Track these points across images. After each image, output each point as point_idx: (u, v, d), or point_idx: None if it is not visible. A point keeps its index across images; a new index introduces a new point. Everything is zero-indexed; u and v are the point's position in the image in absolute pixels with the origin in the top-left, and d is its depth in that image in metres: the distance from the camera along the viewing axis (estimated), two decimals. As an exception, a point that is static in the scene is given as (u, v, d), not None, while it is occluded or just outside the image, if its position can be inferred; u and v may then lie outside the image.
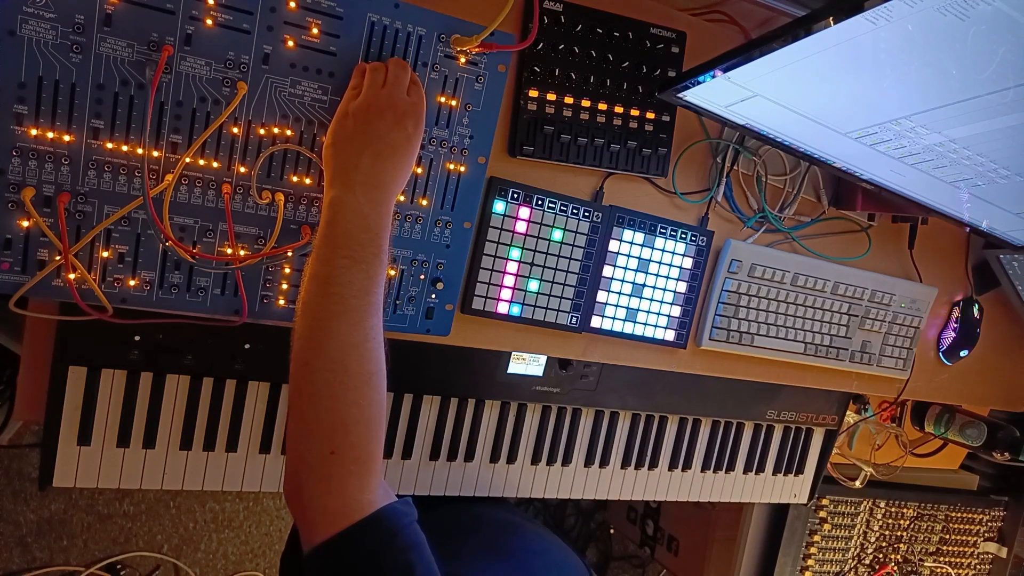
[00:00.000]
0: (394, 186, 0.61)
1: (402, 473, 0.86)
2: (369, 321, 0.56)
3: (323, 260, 0.56)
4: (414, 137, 0.62)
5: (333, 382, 0.54)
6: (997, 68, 0.52)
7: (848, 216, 1.01)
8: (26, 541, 1.49)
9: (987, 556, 1.38)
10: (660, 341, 0.91)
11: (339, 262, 0.56)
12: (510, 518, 0.84)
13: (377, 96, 0.61)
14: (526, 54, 0.76)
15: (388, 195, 0.60)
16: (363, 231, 0.57)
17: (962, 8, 0.46)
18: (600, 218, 0.83)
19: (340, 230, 0.57)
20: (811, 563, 1.21)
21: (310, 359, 0.54)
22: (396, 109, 0.61)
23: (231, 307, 0.68)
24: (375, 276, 0.57)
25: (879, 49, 0.54)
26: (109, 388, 0.72)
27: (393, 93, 0.62)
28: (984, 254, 1.12)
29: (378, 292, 0.57)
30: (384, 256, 0.58)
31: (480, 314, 0.81)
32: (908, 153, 0.70)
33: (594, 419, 0.96)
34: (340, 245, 0.56)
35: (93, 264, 0.62)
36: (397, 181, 0.61)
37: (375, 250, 0.57)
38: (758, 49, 0.59)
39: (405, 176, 0.63)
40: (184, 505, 1.63)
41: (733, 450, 1.07)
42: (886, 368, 1.06)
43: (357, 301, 0.55)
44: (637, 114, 0.82)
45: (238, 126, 0.64)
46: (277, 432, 0.79)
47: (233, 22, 0.61)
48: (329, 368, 0.54)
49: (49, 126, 0.58)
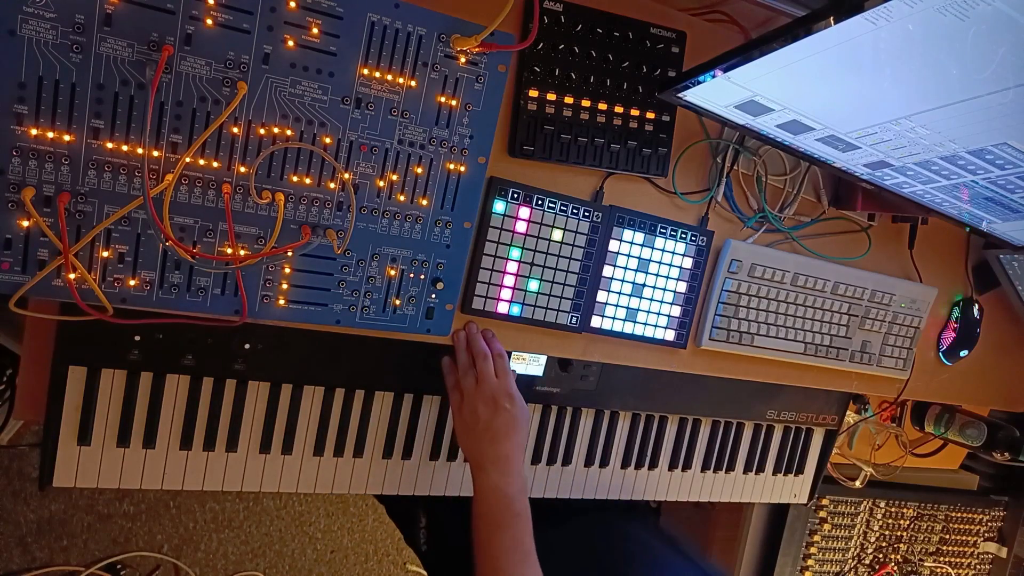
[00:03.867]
0: (516, 455, 0.75)
1: (402, 473, 0.86)
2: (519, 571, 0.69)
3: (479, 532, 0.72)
4: (512, 410, 0.76)
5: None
6: (997, 68, 0.52)
7: (848, 216, 1.01)
8: (26, 541, 1.49)
9: (987, 556, 1.38)
10: (660, 341, 0.91)
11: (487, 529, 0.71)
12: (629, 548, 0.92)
13: (473, 398, 0.76)
14: (526, 54, 0.76)
15: (514, 466, 0.75)
16: (500, 500, 0.72)
17: (962, 8, 0.46)
18: (600, 218, 0.83)
19: (484, 508, 0.73)
20: (811, 563, 1.21)
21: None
22: (491, 400, 0.75)
23: (231, 307, 0.68)
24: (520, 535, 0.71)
25: (879, 49, 0.54)
26: (109, 388, 0.72)
27: (482, 389, 0.76)
28: (984, 254, 1.12)
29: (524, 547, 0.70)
30: (525, 514, 0.72)
31: (480, 314, 0.81)
32: (908, 153, 0.70)
33: (594, 419, 0.96)
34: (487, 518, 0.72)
35: (93, 264, 0.62)
36: (517, 451, 0.76)
37: (512, 514, 0.72)
38: (758, 49, 0.59)
39: (523, 442, 0.77)
40: (184, 505, 1.63)
41: (733, 450, 1.06)
42: (886, 368, 1.06)
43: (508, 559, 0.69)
44: (637, 114, 0.82)
45: (238, 126, 0.64)
46: (277, 432, 0.79)
47: (233, 22, 0.61)
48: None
49: (49, 126, 0.58)
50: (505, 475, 0.74)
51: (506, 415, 0.75)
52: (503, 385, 0.77)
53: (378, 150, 0.69)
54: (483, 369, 0.77)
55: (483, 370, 0.77)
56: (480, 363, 0.77)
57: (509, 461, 0.74)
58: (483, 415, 0.75)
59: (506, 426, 0.75)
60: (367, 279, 0.73)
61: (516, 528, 0.71)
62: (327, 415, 0.81)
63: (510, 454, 0.75)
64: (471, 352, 0.79)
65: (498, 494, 0.73)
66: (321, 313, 0.72)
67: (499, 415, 0.75)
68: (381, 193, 0.71)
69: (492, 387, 0.76)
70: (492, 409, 0.75)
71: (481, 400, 0.75)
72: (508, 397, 0.76)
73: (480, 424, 0.75)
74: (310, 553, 1.80)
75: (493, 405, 0.75)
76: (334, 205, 0.69)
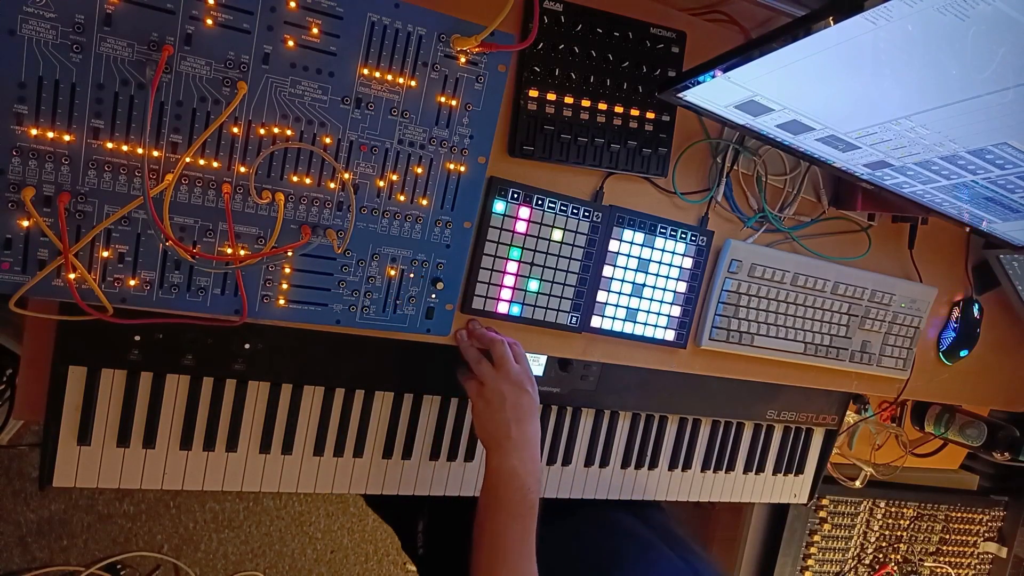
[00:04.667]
0: (537, 441, 0.74)
1: (402, 473, 0.86)
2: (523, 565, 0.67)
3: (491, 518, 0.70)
4: (533, 393, 0.76)
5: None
6: (997, 68, 0.52)
7: (848, 216, 1.01)
8: (26, 541, 1.49)
9: (987, 556, 1.38)
10: (660, 341, 0.91)
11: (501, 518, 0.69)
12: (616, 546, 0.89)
13: (496, 380, 0.74)
14: (526, 54, 0.76)
15: (536, 452, 0.73)
16: (518, 487, 0.70)
17: (962, 8, 0.46)
18: (600, 218, 0.83)
19: (500, 492, 0.70)
20: (811, 563, 1.21)
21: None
22: (514, 381, 0.75)
23: (231, 307, 0.68)
24: (530, 528, 0.69)
25: (879, 49, 0.54)
26: (109, 388, 0.72)
27: (505, 371, 0.75)
28: (984, 254, 1.12)
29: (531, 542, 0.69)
30: (536, 508, 0.70)
31: (480, 314, 0.81)
32: (908, 153, 0.70)
33: (594, 419, 0.96)
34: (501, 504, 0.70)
35: (93, 264, 0.62)
36: (537, 436, 0.75)
37: (527, 505, 0.70)
38: (758, 49, 0.59)
39: (539, 430, 0.76)
40: (184, 505, 1.63)
41: (733, 450, 1.06)
42: (886, 368, 1.07)
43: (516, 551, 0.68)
44: (637, 114, 0.82)
45: (238, 126, 0.64)
46: (277, 432, 0.79)
47: (233, 22, 0.61)
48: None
49: (49, 126, 0.58)
50: (526, 461, 0.72)
51: (529, 398, 0.74)
52: (525, 369, 0.77)
53: (378, 150, 0.69)
54: (503, 353, 0.76)
55: (504, 354, 0.76)
56: (499, 348, 0.76)
57: (532, 446, 0.73)
58: (509, 395, 0.73)
59: (530, 408, 0.74)
60: (367, 279, 0.73)
61: (528, 520, 0.70)
62: (327, 415, 0.81)
63: (533, 438, 0.73)
64: (482, 343, 0.78)
65: (516, 480, 0.70)
66: (321, 313, 0.72)
67: (523, 396, 0.74)
68: (381, 193, 0.71)
69: (516, 370, 0.75)
70: (518, 390, 0.74)
71: (506, 381, 0.74)
72: (531, 381, 0.76)
73: (508, 403, 0.73)
74: (310, 553, 1.80)
75: (519, 386, 0.74)
76: (334, 205, 0.69)
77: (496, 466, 0.72)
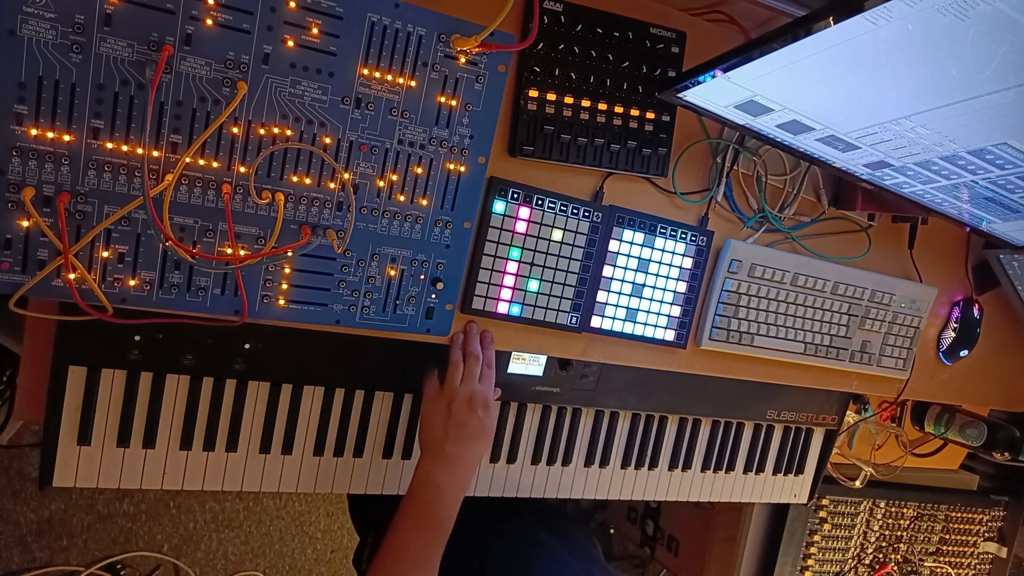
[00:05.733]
0: (472, 464, 0.75)
1: (402, 473, 0.86)
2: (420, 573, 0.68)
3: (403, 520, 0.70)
4: (485, 419, 0.75)
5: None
6: (997, 68, 0.52)
7: (848, 216, 1.01)
8: (26, 541, 1.49)
9: (987, 556, 1.38)
10: (660, 341, 0.91)
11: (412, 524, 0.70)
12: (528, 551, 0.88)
13: (453, 391, 0.75)
14: (526, 54, 0.76)
15: (465, 474, 0.74)
16: (435, 502, 0.71)
17: (962, 8, 0.46)
18: (600, 218, 0.83)
19: (422, 499, 0.71)
20: (811, 563, 1.21)
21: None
22: (469, 400, 0.75)
23: (231, 307, 0.68)
24: (437, 543, 0.70)
25: (879, 49, 0.54)
26: (109, 388, 0.72)
27: (464, 387, 0.75)
28: (984, 254, 1.12)
29: (433, 554, 0.69)
30: (448, 527, 0.71)
31: (480, 314, 0.81)
32: (908, 153, 0.70)
33: (594, 419, 0.96)
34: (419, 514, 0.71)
35: (93, 264, 0.62)
36: (474, 460, 0.75)
37: (438, 520, 0.70)
38: (758, 49, 0.59)
39: (482, 455, 0.77)
40: (184, 505, 1.63)
41: (733, 450, 1.07)
42: (886, 368, 1.06)
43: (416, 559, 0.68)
44: (637, 114, 0.82)
45: (238, 126, 0.64)
46: (277, 432, 0.79)
47: (233, 22, 0.61)
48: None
49: (49, 126, 0.58)
50: (454, 480, 0.73)
51: (477, 421, 0.74)
52: (484, 392, 0.76)
53: (378, 150, 0.69)
54: (471, 369, 0.76)
55: (471, 370, 0.76)
56: (470, 363, 0.77)
57: (465, 467, 0.74)
58: (457, 412, 0.74)
59: (475, 432, 0.74)
60: (367, 279, 0.73)
61: (438, 533, 0.70)
62: (327, 415, 0.81)
63: (469, 460, 0.74)
64: (464, 350, 0.78)
65: (438, 493, 0.71)
66: (321, 313, 0.72)
67: (472, 418, 0.74)
68: (381, 193, 0.71)
69: (474, 390, 0.75)
70: (467, 410, 0.74)
71: (459, 397, 0.75)
72: (484, 405, 0.75)
73: (453, 419, 0.74)
74: (310, 553, 1.80)
75: (469, 407, 0.74)
76: (334, 205, 0.69)
77: (423, 473, 0.73)
